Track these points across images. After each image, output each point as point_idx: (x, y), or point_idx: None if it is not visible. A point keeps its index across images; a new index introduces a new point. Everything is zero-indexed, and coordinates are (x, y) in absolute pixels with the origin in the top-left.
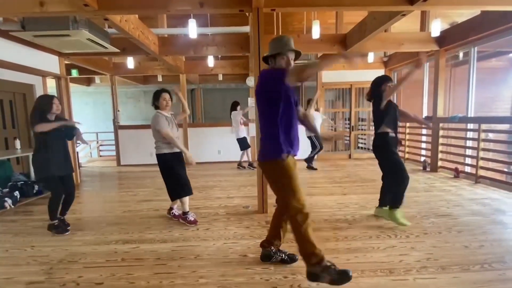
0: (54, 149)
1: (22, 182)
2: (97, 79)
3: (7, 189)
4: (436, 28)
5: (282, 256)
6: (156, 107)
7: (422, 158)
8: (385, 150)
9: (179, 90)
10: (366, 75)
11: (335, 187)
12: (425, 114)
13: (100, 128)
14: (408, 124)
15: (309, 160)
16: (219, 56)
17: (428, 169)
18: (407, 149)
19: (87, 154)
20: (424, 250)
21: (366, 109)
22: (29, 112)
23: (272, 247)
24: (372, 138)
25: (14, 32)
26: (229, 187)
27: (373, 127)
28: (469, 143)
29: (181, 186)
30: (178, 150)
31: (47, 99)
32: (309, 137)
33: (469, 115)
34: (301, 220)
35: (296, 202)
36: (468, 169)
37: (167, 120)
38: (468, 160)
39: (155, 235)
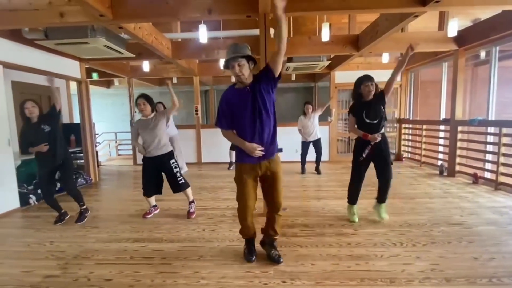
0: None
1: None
2: (115, 81)
3: (32, 187)
4: (452, 28)
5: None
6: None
7: (439, 162)
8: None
9: (171, 83)
10: (382, 75)
11: (344, 191)
12: (443, 116)
13: (118, 128)
14: (424, 126)
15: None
16: None
17: (445, 173)
18: (423, 152)
19: (106, 153)
20: (430, 260)
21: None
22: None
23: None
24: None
25: (38, 41)
26: None
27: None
28: (490, 148)
29: (142, 184)
30: (151, 155)
31: (20, 106)
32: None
33: (490, 118)
34: (238, 216)
35: (238, 205)
36: (487, 175)
37: (140, 125)
38: (488, 166)
39: (163, 235)
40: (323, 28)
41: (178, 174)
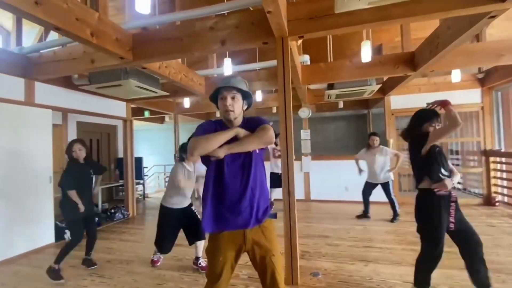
0: (80, 190)
1: None
2: (166, 117)
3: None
4: None
5: None
6: (182, 159)
7: None
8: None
9: None
10: (453, 97)
11: (406, 250)
12: None
13: (169, 160)
14: (498, 159)
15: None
16: (273, 89)
17: None
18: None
19: (156, 185)
20: None
21: (458, 139)
22: (111, 149)
23: None
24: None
25: (82, 86)
26: None
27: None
28: None
29: (159, 241)
30: (182, 206)
31: (68, 147)
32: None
33: None
34: None
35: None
36: None
37: (186, 173)
38: None
39: None
40: (363, 48)
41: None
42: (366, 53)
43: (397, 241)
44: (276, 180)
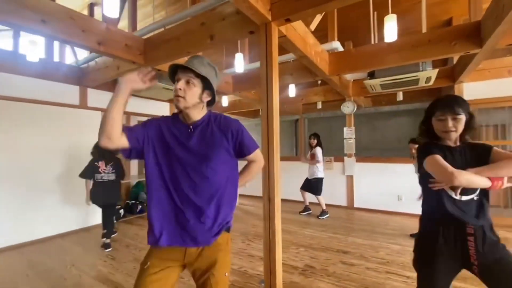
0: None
1: (133, 202)
2: None
3: (119, 206)
4: None
5: None
6: None
7: None
8: None
9: None
10: None
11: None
12: None
13: None
14: None
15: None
16: (319, 82)
17: None
18: None
19: None
20: None
21: None
22: None
23: None
24: None
25: None
26: None
27: None
28: None
29: None
30: None
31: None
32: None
33: None
34: None
35: None
36: None
37: None
38: None
39: None
40: (387, 23)
41: None
42: (391, 30)
43: None
44: (308, 186)
